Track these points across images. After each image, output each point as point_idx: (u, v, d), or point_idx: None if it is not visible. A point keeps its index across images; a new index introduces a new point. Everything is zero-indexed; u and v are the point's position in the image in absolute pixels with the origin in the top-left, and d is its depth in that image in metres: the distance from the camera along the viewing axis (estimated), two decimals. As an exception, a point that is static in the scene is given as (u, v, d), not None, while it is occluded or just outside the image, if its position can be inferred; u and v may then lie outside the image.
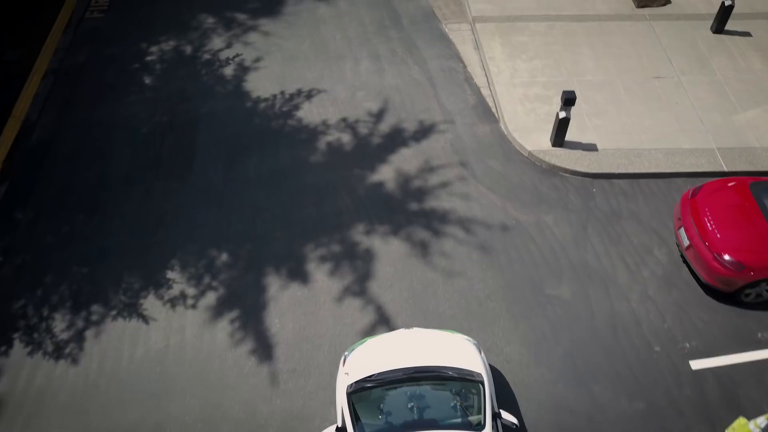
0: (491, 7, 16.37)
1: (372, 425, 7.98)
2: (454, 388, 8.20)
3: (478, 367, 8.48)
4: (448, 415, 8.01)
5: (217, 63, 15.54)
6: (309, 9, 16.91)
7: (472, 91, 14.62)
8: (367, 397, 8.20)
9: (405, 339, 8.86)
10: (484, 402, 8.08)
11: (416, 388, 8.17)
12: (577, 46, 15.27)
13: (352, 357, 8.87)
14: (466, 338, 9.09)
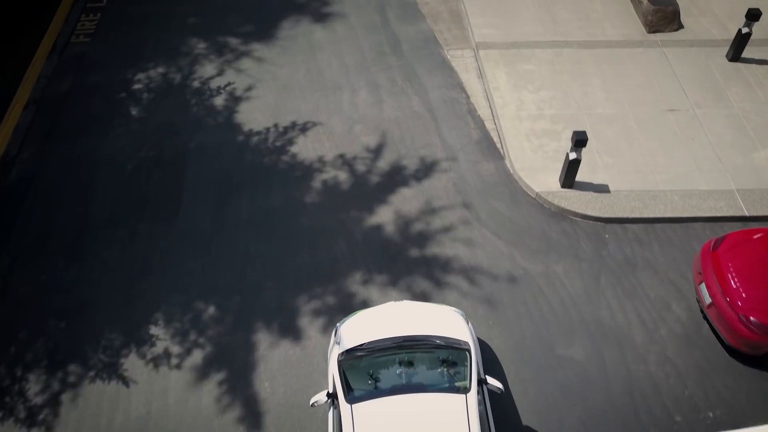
0: (495, 33, 15.47)
1: (361, 390, 8.20)
2: (441, 356, 8.42)
3: (465, 336, 8.72)
4: (435, 380, 8.23)
5: (207, 92, 14.64)
6: (304, 33, 16.01)
7: (476, 124, 13.72)
8: (357, 364, 8.43)
9: (394, 311, 9.10)
10: (470, 368, 8.29)
11: (405, 355, 8.42)
12: (586, 76, 14.37)
13: (343, 328, 9.03)
14: (454, 309, 9.29)
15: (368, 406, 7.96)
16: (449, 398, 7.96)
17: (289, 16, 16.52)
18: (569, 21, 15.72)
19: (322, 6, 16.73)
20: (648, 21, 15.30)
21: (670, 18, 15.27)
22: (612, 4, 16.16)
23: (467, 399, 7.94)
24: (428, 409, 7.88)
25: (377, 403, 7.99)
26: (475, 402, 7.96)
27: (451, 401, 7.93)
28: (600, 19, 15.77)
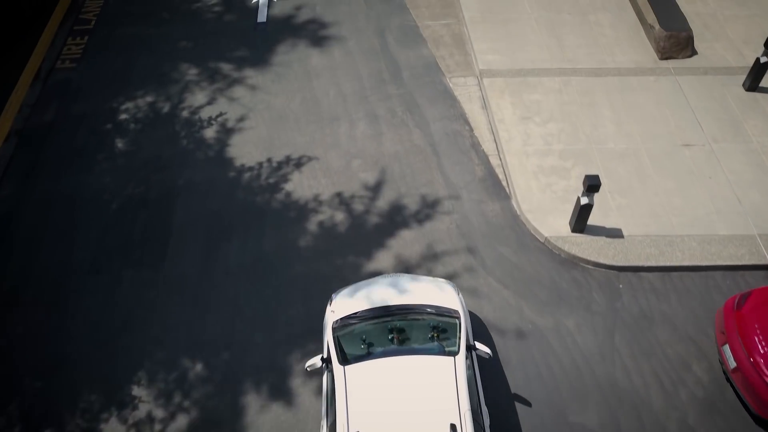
0: (500, 59, 14.62)
1: (354, 354, 8.43)
2: (432, 323, 8.65)
3: (455, 305, 8.95)
4: (425, 345, 8.45)
5: (197, 123, 13.80)
6: (300, 59, 15.16)
7: (480, 160, 12.88)
8: (350, 331, 8.69)
9: (388, 282, 9.35)
10: (459, 334, 8.52)
11: (396, 322, 8.66)
12: (596, 107, 13.52)
13: (338, 297, 9.29)
14: (445, 281, 9.49)
15: (360, 368, 8.20)
16: (438, 360, 8.16)
17: (284, 39, 15.68)
18: (577, 46, 14.88)
19: (319, 29, 15.89)
20: (660, 47, 14.45)
21: (684, 44, 14.43)
22: (622, 28, 15.32)
23: (456, 361, 8.15)
24: (418, 370, 8.06)
25: (368, 364, 8.21)
26: (463, 364, 8.15)
27: (440, 363, 8.12)
28: (610, 44, 14.92)
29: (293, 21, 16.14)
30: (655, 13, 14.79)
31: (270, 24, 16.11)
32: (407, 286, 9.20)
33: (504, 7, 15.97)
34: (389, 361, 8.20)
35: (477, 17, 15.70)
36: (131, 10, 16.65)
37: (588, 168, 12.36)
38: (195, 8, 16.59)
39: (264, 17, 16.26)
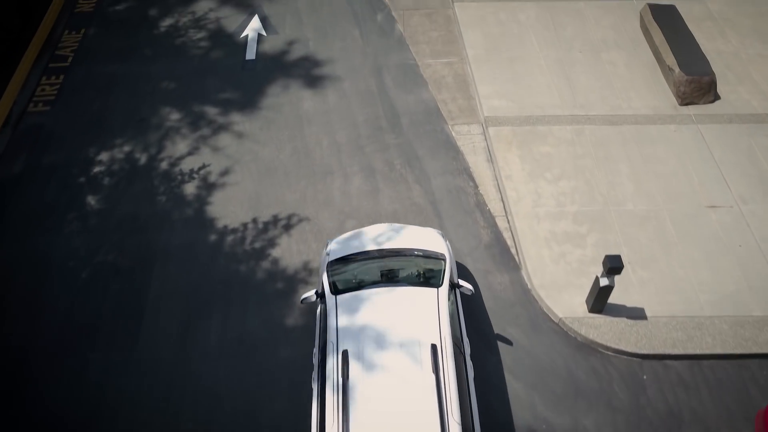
0: (506, 104, 13.32)
1: (345, 287, 8.87)
2: (419, 263, 9.09)
3: (441, 249, 9.36)
4: (411, 280, 8.90)
5: (178, 177, 12.50)
6: (292, 102, 13.85)
7: (486, 222, 11.59)
8: (343, 270, 9.13)
9: (380, 230, 9.74)
10: (443, 271, 8.98)
11: (386, 261, 9.10)
12: (612, 161, 12.23)
13: (333, 243, 9.67)
14: (433, 229, 9.86)
15: (350, 296, 8.68)
16: (422, 291, 8.61)
17: (274, 79, 14.37)
18: (590, 89, 13.58)
19: (313, 67, 14.58)
20: (680, 93, 13.15)
21: (706, 89, 13.13)
22: (638, 68, 14.01)
23: (438, 292, 8.62)
24: (403, 299, 8.48)
25: (358, 294, 8.68)
26: (446, 296, 8.61)
27: (423, 293, 8.57)
28: (625, 87, 13.62)
29: (284, 58, 14.84)
30: (674, 54, 13.48)
31: (259, 61, 14.79)
32: (398, 233, 9.63)
33: (510, 43, 14.66)
34: (377, 291, 8.66)
35: (481, 55, 14.40)
36: (111, 45, 15.34)
37: (605, 234, 11.08)
38: (180, 43, 15.28)
39: (253, 54, 14.95)
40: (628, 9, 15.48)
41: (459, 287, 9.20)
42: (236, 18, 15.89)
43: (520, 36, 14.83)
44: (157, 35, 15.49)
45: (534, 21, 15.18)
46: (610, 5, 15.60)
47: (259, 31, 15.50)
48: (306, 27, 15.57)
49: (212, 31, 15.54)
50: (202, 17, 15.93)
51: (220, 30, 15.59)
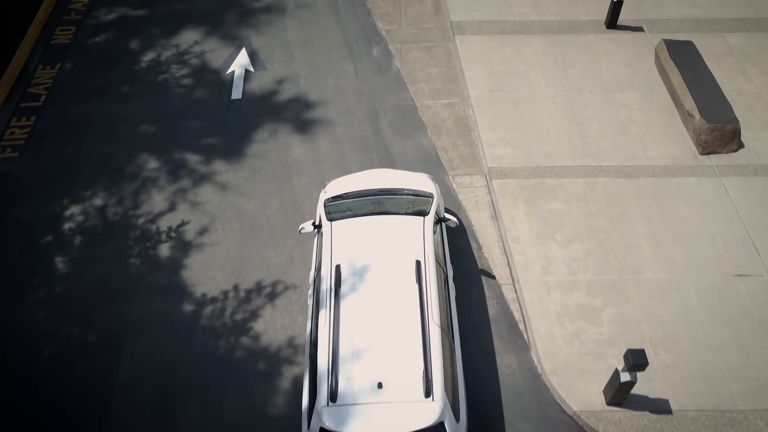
0: (512, 153, 12.12)
1: (341, 217, 9.36)
2: (409, 200, 9.59)
3: (430, 189, 9.86)
4: (401, 212, 9.40)
5: (154, 235, 11.31)
6: (280, 149, 12.65)
7: (491, 291, 10.40)
8: (338, 206, 9.61)
9: (374, 173, 10.21)
10: (431, 205, 9.50)
11: (378, 198, 9.62)
12: (628, 220, 11.03)
13: (331, 184, 10.14)
14: (423, 174, 10.37)
15: (344, 222, 9.28)
16: (410, 218, 9.21)
17: (261, 122, 13.17)
18: (603, 136, 12.38)
19: (303, 109, 13.37)
20: (701, 141, 11.95)
21: (729, 138, 11.93)
22: (654, 112, 12.81)
23: (424, 220, 9.21)
24: (392, 225, 9.09)
25: (351, 221, 9.27)
26: (431, 224, 9.20)
27: (411, 221, 9.17)
28: (640, 133, 12.42)
29: (273, 98, 13.63)
30: (693, 98, 12.28)
31: (246, 101, 13.59)
32: (390, 176, 10.11)
33: (515, 82, 13.46)
34: (368, 218, 9.24)
35: (484, 96, 13.19)
36: (88, 81, 14.13)
37: (623, 308, 9.89)
38: (161, 80, 14.07)
39: (239, 93, 13.74)
40: (642, 43, 14.27)
41: (445, 221, 9.82)
42: (222, 52, 14.69)
43: (526, 74, 13.62)
44: (138, 71, 14.28)
45: (541, 57, 13.97)
46: (622, 38, 14.39)
47: (247, 66, 14.29)
48: (297, 62, 14.37)
49: (196, 67, 14.34)
50: (187, 51, 14.72)
51: (205, 65, 14.38)
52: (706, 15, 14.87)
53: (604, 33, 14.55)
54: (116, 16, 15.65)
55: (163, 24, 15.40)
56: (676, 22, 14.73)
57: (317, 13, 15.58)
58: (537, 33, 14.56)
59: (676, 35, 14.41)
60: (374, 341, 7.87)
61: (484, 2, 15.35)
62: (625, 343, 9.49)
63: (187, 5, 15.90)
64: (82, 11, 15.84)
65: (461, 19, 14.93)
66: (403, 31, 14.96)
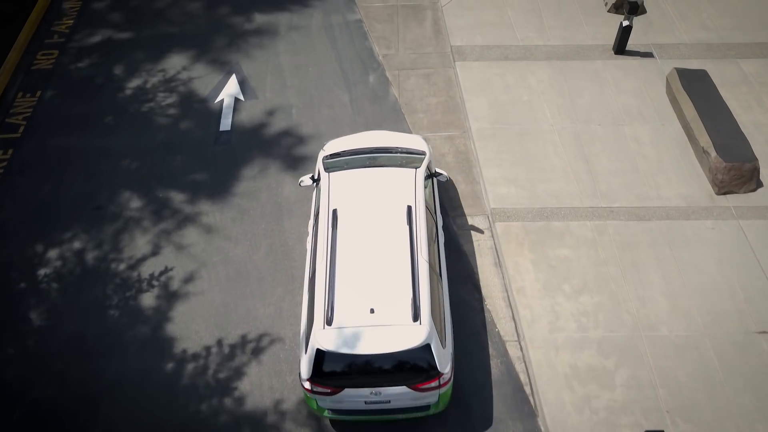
0: (516, 193, 11.34)
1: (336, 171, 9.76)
2: (402, 156, 10.05)
3: (423, 148, 10.31)
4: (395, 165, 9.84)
5: (134, 284, 10.53)
6: (270, 187, 11.87)
7: (495, 349, 9.61)
8: (335, 162, 9.98)
9: (370, 134, 10.65)
10: (423, 162, 9.89)
11: (373, 155, 10.06)
12: (641, 269, 10.25)
13: (329, 143, 10.53)
14: (416, 135, 10.87)
15: (340, 173, 9.66)
16: (402, 171, 9.60)
17: (251, 158, 12.38)
18: (612, 173, 11.59)
19: (296, 144, 12.59)
20: (717, 180, 11.17)
21: (747, 177, 11.15)
22: (666, 147, 12.02)
23: (416, 172, 9.58)
24: (385, 176, 9.48)
25: (348, 171, 9.68)
26: (422, 176, 9.57)
27: (403, 172, 9.56)
28: (652, 170, 11.63)
29: (264, 131, 12.85)
30: (708, 133, 11.50)
31: (235, 134, 12.80)
32: (385, 136, 10.60)
33: (519, 114, 12.67)
34: (364, 170, 9.65)
35: (486, 129, 12.41)
36: (70, 111, 13.35)
37: (637, 370, 9.11)
38: (146, 110, 13.28)
39: (228, 124, 12.96)
40: (652, 70, 13.47)
41: (436, 176, 10.33)
42: (211, 78, 13.90)
43: (531, 104, 12.84)
44: (122, 99, 13.49)
45: (546, 85, 13.18)
46: (631, 65, 13.61)
47: (237, 95, 13.51)
48: (289, 91, 13.58)
49: (183, 95, 13.55)
50: (173, 77, 13.94)
51: (193, 93, 13.60)
52: (719, 39, 14.08)
53: (612, 59, 13.76)
54: (101, 39, 14.87)
55: (150, 47, 14.62)
56: (687, 48, 13.94)
57: (311, 36, 14.80)
58: (542, 59, 13.77)
59: (688, 62, 13.62)
60: (367, 273, 8.34)
61: (486, 25, 14.56)
62: (640, 410, 8.71)
63: (176, 27, 15.12)
64: (66, 34, 15.06)
65: (462, 43, 14.14)
66: (401, 56, 14.17)
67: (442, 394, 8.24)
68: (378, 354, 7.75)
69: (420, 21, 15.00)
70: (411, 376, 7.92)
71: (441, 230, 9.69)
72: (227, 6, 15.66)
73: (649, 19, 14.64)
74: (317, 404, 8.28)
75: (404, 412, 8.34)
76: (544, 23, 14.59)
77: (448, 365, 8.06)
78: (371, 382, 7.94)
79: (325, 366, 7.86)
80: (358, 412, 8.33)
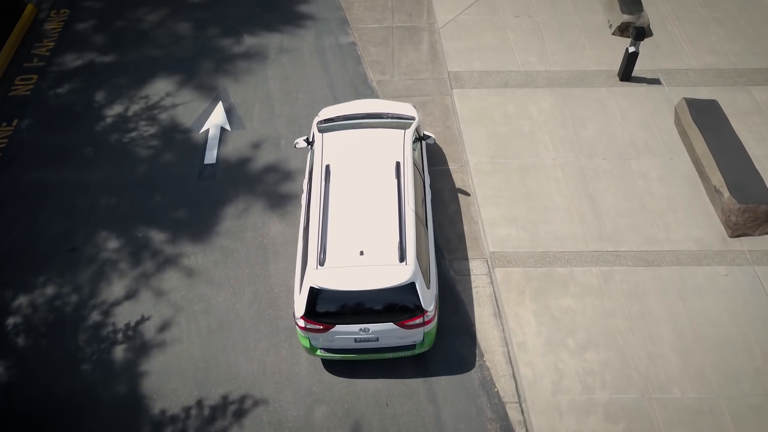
0: (517, 235, 10.62)
1: (329, 132, 10.21)
2: (393, 121, 10.43)
3: (412, 114, 10.72)
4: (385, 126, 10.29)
5: (110, 334, 9.81)
6: (256, 226, 11.15)
7: (494, 412, 8.89)
8: (329, 125, 10.42)
9: (363, 102, 11.09)
10: (411, 125, 10.35)
11: (365, 120, 10.46)
12: (650, 320, 9.53)
13: (323, 111, 10.98)
14: (408, 104, 11.17)
15: (333, 134, 10.11)
16: (392, 131, 10.06)
17: (236, 194, 11.67)
18: (619, 213, 10.88)
19: (284, 179, 11.87)
20: (730, 222, 10.45)
21: (763, 219, 10.43)
22: (675, 184, 11.31)
23: (405, 132, 10.06)
24: (375, 136, 9.96)
25: (339, 132, 10.12)
26: (410, 136, 10.04)
27: (393, 133, 10.04)
28: (661, 210, 10.91)
29: (250, 164, 12.13)
30: (720, 171, 10.79)
31: (220, 167, 12.08)
32: (377, 104, 11.00)
33: (520, 147, 11.95)
34: (354, 131, 10.09)
35: (485, 164, 11.69)
36: (47, 141, 12.63)
37: (647, 438, 8.39)
38: (127, 141, 12.57)
39: (213, 157, 12.24)
40: (660, 99, 12.76)
41: (425, 138, 10.80)
42: (197, 105, 13.18)
43: (532, 136, 12.12)
44: (102, 129, 12.77)
45: (548, 115, 12.47)
46: (638, 93, 12.89)
47: (223, 125, 12.79)
48: (278, 120, 12.86)
49: (167, 124, 12.83)
50: (157, 104, 13.22)
51: (177, 122, 12.88)
52: (730, 65, 13.36)
53: (618, 86, 13.04)
54: (82, 63, 14.15)
55: (133, 72, 13.90)
56: (696, 74, 13.22)
57: (302, 60, 14.07)
58: (543, 86, 13.05)
59: (697, 89, 12.90)
60: (357, 220, 8.79)
61: (485, 49, 13.84)
62: (651, 485, 8.00)
63: (161, 50, 14.40)
64: (46, 57, 14.34)
65: (460, 69, 13.42)
66: (396, 82, 13.45)
67: (426, 333, 8.70)
68: (366, 290, 8.23)
69: (416, 44, 14.28)
70: (397, 314, 8.38)
71: (428, 188, 10.23)
72: (215, 27, 14.95)
73: (656, 41, 13.92)
74: (310, 343, 8.73)
75: (392, 351, 8.82)
76: (545, 47, 13.87)
77: (431, 304, 8.53)
78: (360, 320, 8.40)
79: (318, 304, 8.32)
80: (348, 351, 8.81)
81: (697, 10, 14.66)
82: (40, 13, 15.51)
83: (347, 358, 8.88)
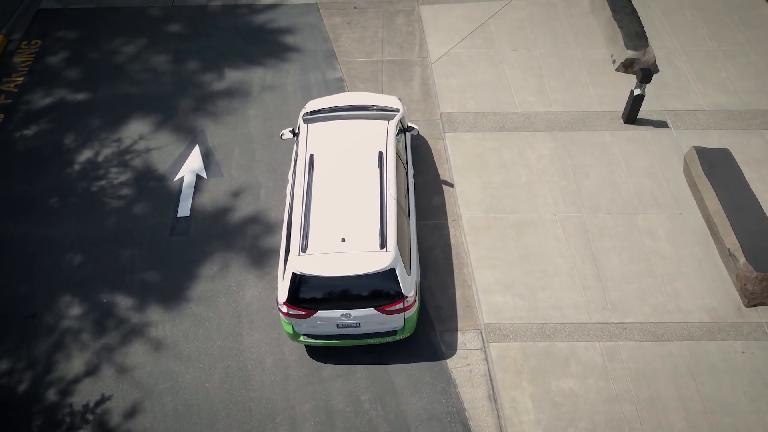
0: (514, 303, 9.62)
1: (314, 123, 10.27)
2: (378, 113, 10.46)
3: (397, 106, 10.79)
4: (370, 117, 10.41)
5: (66, 418, 8.81)
6: (231, 290, 10.14)
7: None
8: (315, 117, 10.44)
9: (349, 95, 11.12)
10: (396, 117, 10.42)
11: (351, 113, 10.46)
12: (660, 407, 8.54)
13: (309, 103, 11.06)
14: (394, 96, 11.21)
15: (317, 124, 10.22)
16: (376, 122, 10.18)
17: (211, 251, 10.66)
18: (624, 277, 9.88)
19: (263, 234, 10.86)
20: (746, 291, 9.46)
21: (782, 288, 9.43)
22: (685, 244, 10.31)
23: (388, 123, 10.18)
24: (359, 127, 10.06)
25: (324, 123, 10.23)
26: (394, 127, 10.15)
27: (377, 123, 10.16)
28: (670, 274, 9.92)
29: (227, 217, 11.12)
30: (735, 233, 9.79)
31: (194, 221, 11.07)
32: (362, 96, 11.01)
33: (517, 199, 10.96)
34: (339, 122, 10.19)
35: (479, 219, 10.69)
36: (10, 191, 11.61)
37: None
38: (96, 190, 11.56)
39: (187, 209, 11.23)
40: (667, 144, 11.76)
41: (409, 130, 10.84)
42: (172, 150, 12.17)
43: (530, 187, 11.11)
44: (70, 176, 11.76)
45: (547, 163, 11.47)
46: (644, 138, 11.88)
47: (199, 172, 11.78)
48: (258, 166, 11.86)
49: (139, 170, 11.83)
50: (130, 148, 12.21)
51: (150, 168, 11.87)
52: (741, 105, 12.36)
53: (622, 129, 12.04)
54: (52, 101, 13.13)
55: (106, 111, 12.89)
56: (705, 115, 12.22)
57: (286, 97, 13.07)
58: (542, 129, 12.05)
59: (707, 133, 11.90)
60: (340, 207, 8.89)
61: (480, 87, 12.83)
62: None
63: (137, 87, 13.38)
64: (14, 94, 13.32)
65: (453, 110, 12.41)
66: (385, 124, 12.40)
67: (407, 318, 8.74)
68: (347, 276, 8.29)
69: (407, 80, 13.27)
70: (378, 299, 8.44)
71: (412, 179, 10.22)
72: (195, 60, 13.92)
73: (662, 79, 12.92)
74: (293, 329, 8.79)
75: (373, 337, 8.88)
76: (544, 84, 12.86)
77: (412, 290, 8.59)
78: (342, 305, 8.47)
79: (301, 290, 8.38)
80: (331, 337, 8.87)
81: (704, 43, 13.65)
82: (10, 44, 14.49)
83: (330, 344, 8.88)
